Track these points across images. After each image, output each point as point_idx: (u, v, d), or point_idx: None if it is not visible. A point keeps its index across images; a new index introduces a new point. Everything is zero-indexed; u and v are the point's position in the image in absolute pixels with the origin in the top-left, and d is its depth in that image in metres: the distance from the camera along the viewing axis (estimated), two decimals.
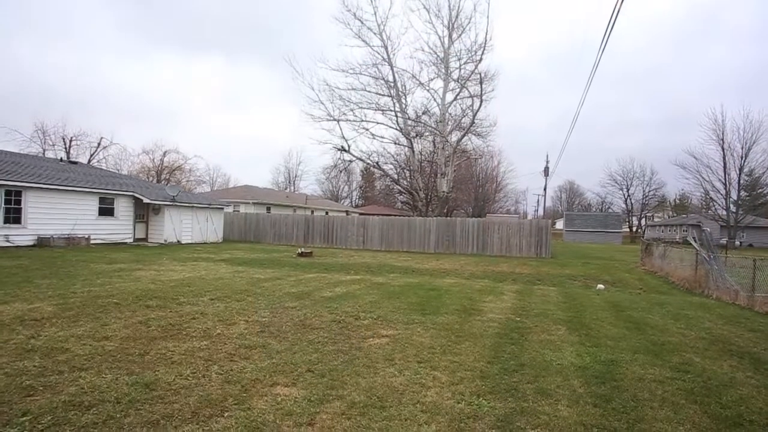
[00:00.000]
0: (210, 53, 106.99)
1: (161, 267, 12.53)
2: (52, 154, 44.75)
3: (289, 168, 78.06)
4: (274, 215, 29.47)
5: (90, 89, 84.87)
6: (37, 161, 23.79)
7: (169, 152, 55.56)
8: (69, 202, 19.32)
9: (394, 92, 32.45)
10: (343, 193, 79.58)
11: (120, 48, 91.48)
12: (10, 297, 7.48)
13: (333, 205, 54.94)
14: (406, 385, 4.11)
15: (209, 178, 70.29)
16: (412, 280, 11.64)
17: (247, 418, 3.33)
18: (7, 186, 17.13)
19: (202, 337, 5.49)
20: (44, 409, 3.37)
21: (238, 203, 36.68)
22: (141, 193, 22.27)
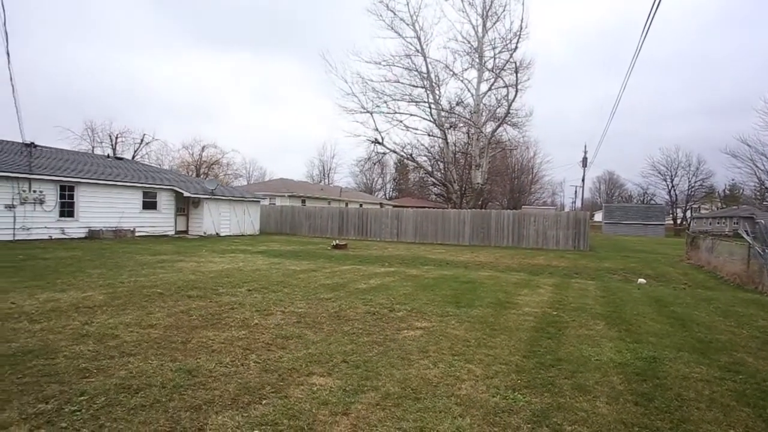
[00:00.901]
0: (246, 49, 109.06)
1: (201, 259, 12.96)
2: (100, 150, 47.00)
3: (324, 161, 78.98)
4: (309, 208, 29.89)
5: (134, 88, 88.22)
6: (87, 158, 25.00)
7: (207, 147, 57.21)
8: (116, 196, 20.23)
9: (427, 83, 32.18)
10: (377, 185, 79.83)
11: (161, 47, 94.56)
12: (67, 286, 7.93)
13: (367, 198, 55.19)
14: (440, 377, 4.11)
15: (246, 171, 71.94)
16: (446, 273, 11.59)
17: (284, 406, 3.41)
18: (62, 182, 18.12)
19: (241, 326, 5.66)
20: (98, 391, 3.57)
21: (274, 196, 37.40)
22: (181, 187, 23.05)
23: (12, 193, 16.59)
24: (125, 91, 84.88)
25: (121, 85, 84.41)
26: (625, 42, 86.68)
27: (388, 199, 67.36)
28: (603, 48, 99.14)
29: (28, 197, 16.98)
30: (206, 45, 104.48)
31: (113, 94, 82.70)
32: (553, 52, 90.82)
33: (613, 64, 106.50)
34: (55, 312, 6.05)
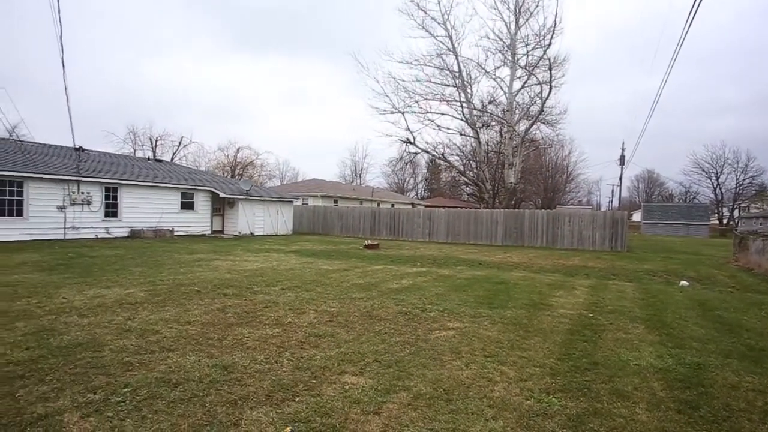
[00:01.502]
0: (280, 53, 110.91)
1: (236, 258, 13.28)
2: (141, 153, 48.91)
3: (356, 161, 79.56)
4: (341, 208, 30.15)
5: (173, 92, 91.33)
6: (130, 160, 26.08)
7: (241, 149, 58.53)
8: (156, 197, 20.99)
9: (459, 82, 31.92)
10: (409, 185, 79.75)
11: (198, 53, 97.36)
12: (111, 283, 8.30)
13: (399, 198, 55.21)
14: (472, 378, 4.08)
15: (279, 172, 73.23)
16: (478, 273, 11.47)
17: (317, 404, 3.46)
18: (107, 184, 18.97)
19: (275, 324, 5.77)
20: (141, 383, 3.73)
21: (306, 196, 37.92)
22: (217, 188, 23.69)
23: (63, 195, 17.49)
24: (165, 96, 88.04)
25: (161, 90, 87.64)
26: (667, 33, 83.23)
27: (419, 199, 67.18)
28: (642, 40, 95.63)
29: (77, 198, 17.85)
30: (241, 50, 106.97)
31: (154, 99, 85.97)
32: (589, 47, 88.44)
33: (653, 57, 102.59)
34: (101, 307, 6.34)
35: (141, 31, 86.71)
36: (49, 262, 10.80)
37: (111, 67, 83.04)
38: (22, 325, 5.37)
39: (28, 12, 69.39)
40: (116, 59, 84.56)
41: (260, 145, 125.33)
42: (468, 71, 32.03)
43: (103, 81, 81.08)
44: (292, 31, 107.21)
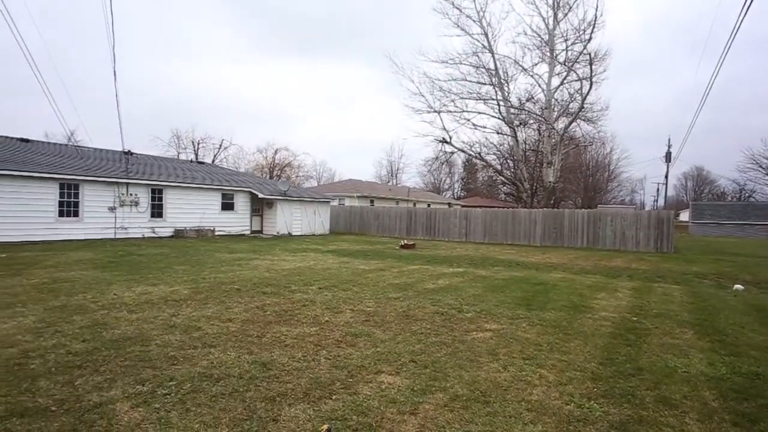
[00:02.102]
0: (318, 55, 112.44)
1: (275, 257, 13.57)
2: (184, 155, 50.83)
3: (391, 161, 79.84)
4: (378, 208, 30.28)
5: (214, 96, 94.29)
6: (174, 163, 27.15)
7: (279, 150, 59.85)
8: (198, 198, 21.74)
9: (495, 80, 31.45)
10: (445, 185, 79.22)
11: (236, 57, 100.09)
12: (157, 280, 8.67)
13: (435, 198, 54.92)
14: (510, 381, 4.01)
15: (316, 173, 74.30)
16: (516, 274, 11.26)
17: (354, 403, 3.49)
18: (153, 185, 19.81)
19: (312, 323, 5.86)
20: (185, 377, 3.88)
21: (343, 196, 38.29)
22: (256, 188, 24.28)
23: (113, 197, 18.39)
24: (207, 100, 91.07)
25: (203, 95, 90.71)
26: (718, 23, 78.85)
27: (456, 199, 66.60)
28: (690, 31, 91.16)
29: (125, 200, 18.73)
30: (281, 54, 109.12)
31: (197, 104, 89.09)
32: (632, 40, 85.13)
33: (702, 49, 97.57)
34: (148, 304, 6.63)
35: (186, 39, 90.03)
36: (102, 260, 11.38)
37: (158, 74, 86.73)
38: (78, 318, 5.70)
39: (85, 25, 73.43)
40: (163, 67, 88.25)
41: (298, 146, 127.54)
42: (504, 69, 31.54)
43: (151, 88, 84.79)
44: (331, 35, 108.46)
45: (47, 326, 5.32)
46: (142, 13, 72.69)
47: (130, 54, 76.66)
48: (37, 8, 40.16)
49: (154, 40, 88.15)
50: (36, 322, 5.48)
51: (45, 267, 9.99)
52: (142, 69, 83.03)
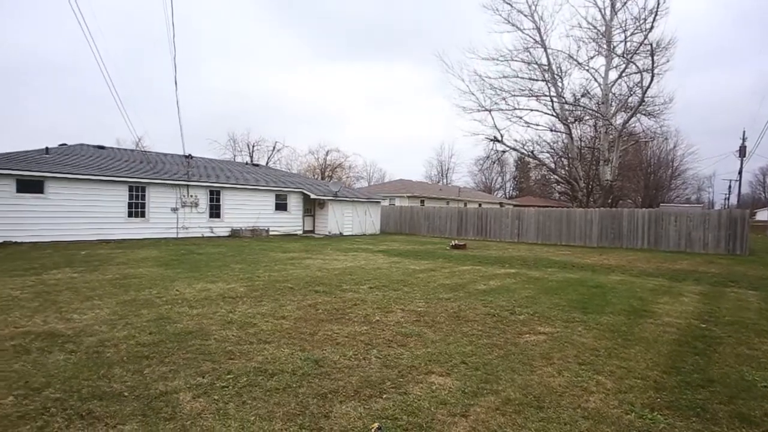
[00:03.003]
0: (369, 57, 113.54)
1: (326, 257, 13.84)
2: (240, 158, 52.88)
3: (442, 161, 79.21)
4: (428, 208, 30.15)
5: (268, 100, 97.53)
6: (230, 165, 28.32)
7: (330, 151, 60.85)
8: (253, 199, 22.56)
9: (548, 76, 30.45)
10: (497, 184, 77.75)
11: (290, 61, 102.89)
12: (215, 278, 9.08)
13: (486, 197, 54.00)
14: (565, 386, 3.88)
15: (366, 173, 75.01)
16: (571, 276, 10.86)
17: (404, 402, 3.51)
18: (211, 187, 20.78)
19: (363, 322, 5.93)
20: (241, 372, 4.04)
21: (393, 197, 38.43)
22: (308, 189, 24.86)
23: (176, 198, 19.45)
24: (262, 104, 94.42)
25: (258, 99, 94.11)
26: None
27: (508, 199, 65.15)
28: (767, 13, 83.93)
29: (186, 201, 19.76)
30: (331, 56, 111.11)
31: (251, 107, 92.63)
32: (701, 25, 79.67)
33: None
34: (207, 300, 6.96)
35: (242, 46, 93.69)
36: (165, 258, 12.06)
37: (216, 80, 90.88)
38: (146, 312, 6.08)
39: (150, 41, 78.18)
40: (221, 73, 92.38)
41: (348, 147, 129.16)
42: (558, 64, 30.44)
43: (209, 93, 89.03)
44: (381, 37, 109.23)
45: (119, 318, 5.72)
46: (200, 24, 76.43)
47: (189, 62, 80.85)
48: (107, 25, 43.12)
49: (212, 47, 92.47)
50: (110, 315, 5.90)
51: (117, 264, 10.73)
52: (201, 76, 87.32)
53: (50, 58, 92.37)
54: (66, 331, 5.13)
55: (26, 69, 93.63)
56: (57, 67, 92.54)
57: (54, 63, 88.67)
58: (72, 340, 4.84)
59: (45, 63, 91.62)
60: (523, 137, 77.49)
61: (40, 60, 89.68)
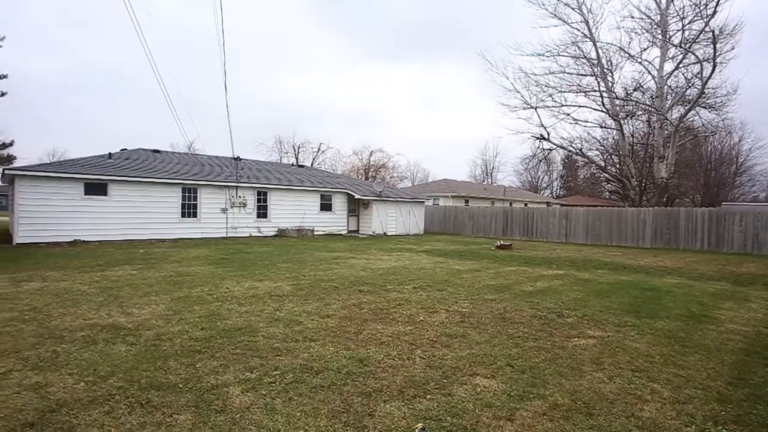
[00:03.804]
0: (411, 58, 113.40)
1: (370, 256, 13.94)
2: (286, 159, 54.24)
3: (486, 160, 78.01)
4: (472, 208, 29.78)
5: (313, 103, 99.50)
6: (276, 167, 29.08)
7: (374, 152, 61.28)
8: (299, 200, 23.06)
9: (597, 70, 29.31)
10: (543, 183, 75.62)
11: (334, 63, 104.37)
12: (263, 276, 9.35)
13: (532, 197, 52.68)
14: (617, 393, 3.73)
15: (410, 173, 74.98)
16: (623, 278, 10.41)
17: (448, 404, 3.48)
18: (259, 188, 21.43)
19: (407, 322, 5.94)
20: (288, 368, 4.14)
21: (437, 196, 38.22)
22: (352, 190, 25.13)
23: (225, 199, 20.19)
24: (306, 106, 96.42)
25: (303, 101, 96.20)
26: None
27: (555, 198, 63.25)
28: None
29: (235, 202, 20.46)
30: (374, 57, 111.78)
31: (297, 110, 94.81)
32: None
33: None
34: (254, 298, 7.18)
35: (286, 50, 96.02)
36: (215, 257, 12.54)
37: (262, 83, 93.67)
38: (198, 308, 6.35)
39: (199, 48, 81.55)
40: (267, 76, 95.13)
41: (392, 147, 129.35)
42: (608, 57, 29.24)
43: (256, 97, 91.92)
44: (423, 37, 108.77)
45: (174, 314, 6.01)
46: (247, 28, 78.90)
47: (237, 68, 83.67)
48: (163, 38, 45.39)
49: (258, 52, 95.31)
50: (165, 310, 6.21)
51: (171, 262, 11.26)
52: (248, 80, 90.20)
53: (113, 70, 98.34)
54: (127, 325, 5.45)
55: (91, 79, 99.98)
56: (117, 77, 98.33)
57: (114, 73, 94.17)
58: (132, 333, 5.13)
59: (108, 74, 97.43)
60: (571, 135, 75.22)
61: (104, 71, 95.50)
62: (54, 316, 5.83)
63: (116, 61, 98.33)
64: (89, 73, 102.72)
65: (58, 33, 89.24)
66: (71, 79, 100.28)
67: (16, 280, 8.37)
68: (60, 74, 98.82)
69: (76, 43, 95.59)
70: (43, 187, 15.59)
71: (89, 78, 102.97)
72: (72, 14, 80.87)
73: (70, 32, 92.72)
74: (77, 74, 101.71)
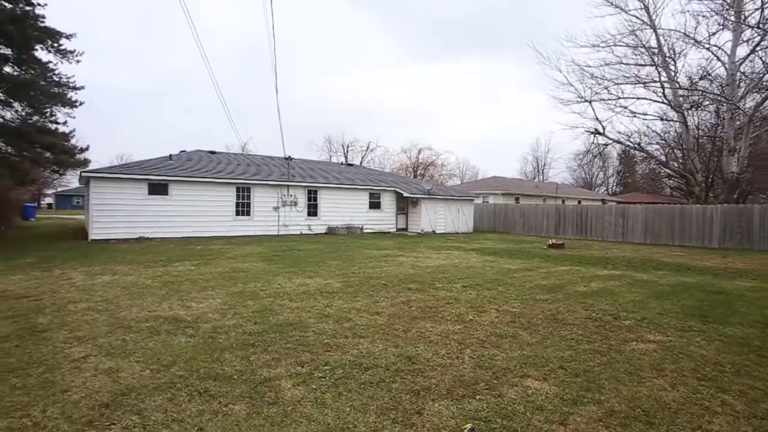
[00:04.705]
0: (457, 54, 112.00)
1: (419, 254, 13.91)
2: (335, 158, 55.11)
3: (537, 156, 75.90)
4: (523, 205, 29.04)
5: (361, 101, 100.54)
6: (326, 166, 29.64)
7: (423, 150, 61.10)
8: (348, 198, 23.38)
9: (658, 59, 27.64)
10: (598, 180, 72.56)
11: (382, 62, 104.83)
12: (313, 273, 9.56)
13: (586, 194, 50.70)
14: (681, 403, 3.52)
15: (459, 171, 74.18)
16: (687, 280, 9.80)
17: (498, 405, 3.42)
18: (309, 187, 21.93)
19: (456, 321, 5.88)
20: (337, 364, 4.22)
21: (486, 194, 37.61)
22: (401, 188, 25.18)
23: (277, 198, 20.81)
24: (356, 106, 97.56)
25: (351, 100, 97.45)
26: None
27: (610, 195, 60.51)
28: None
29: (287, 200, 21.05)
30: (422, 55, 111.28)
31: (345, 108, 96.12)
32: None
33: None
34: (305, 294, 7.35)
35: (335, 50, 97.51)
36: (268, 254, 12.95)
37: (313, 84, 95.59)
38: (251, 303, 6.59)
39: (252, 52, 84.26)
40: (317, 77, 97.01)
41: (441, 145, 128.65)
42: (670, 45, 27.47)
43: (307, 97, 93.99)
44: (472, 33, 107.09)
45: (229, 308, 6.26)
46: (295, 32, 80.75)
47: (287, 69, 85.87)
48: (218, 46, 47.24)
49: (308, 52, 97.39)
50: (221, 304, 6.49)
51: (226, 258, 11.74)
52: (299, 80, 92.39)
53: (172, 77, 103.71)
54: (186, 317, 5.74)
55: (153, 86, 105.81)
56: (175, 83, 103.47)
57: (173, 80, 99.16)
58: (191, 325, 5.40)
59: (168, 81, 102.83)
60: (628, 128, 71.42)
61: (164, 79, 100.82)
62: (123, 307, 6.25)
63: (175, 69, 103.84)
64: (151, 80, 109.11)
65: (123, 44, 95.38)
66: (134, 87, 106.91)
67: (91, 273, 9.03)
68: (125, 82, 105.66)
69: (139, 53, 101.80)
70: (113, 187, 16.72)
71: (151, 85, 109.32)
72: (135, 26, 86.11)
73: (134, 44, 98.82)
74: (140, 82, 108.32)
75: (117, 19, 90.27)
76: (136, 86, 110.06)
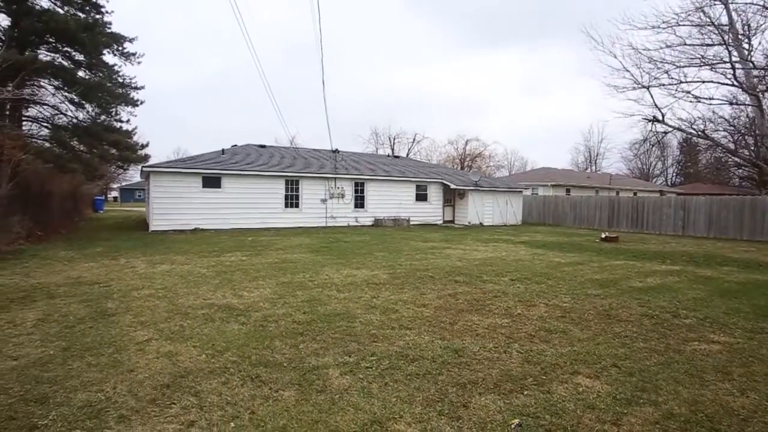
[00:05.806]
0: (506, 43, 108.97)
1: (466, 247, 13.75)
2: (381, 150, 55.30)
3: (590, 146, 72.67)
4: (574, 197, 28.00)
5: (407, 92, 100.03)
6: (373, 158, 29.79)
7: (470, 141, 60.02)
8: (395, 190, 23.41)
9: (729, 38, 25.59)
10: (656, 170, 68.70)
11: (429, 53, 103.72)
12: (360, 264, 9.68)
13: (642, 185, 48.17)
14: (751, 410, 3.29)
15: (507, 162, 72.39)
16: (757, 277, 9.13)
17: (547, 401, 3.34)
18: (356, 179, 22.15)
19: (504, 315, 5.78)
20: (384, 354, 4.26)
21: (536, 186, 36.56)
22: (448, 180, 24.91)
23: (325, 190, 21.16)
24: (402, 97, 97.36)
25: (398, 92, 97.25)
26: None
27: (670, 186, 57.18)
28: None
29: (334, 193, 21.36)
30: (469, 45, 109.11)
31: (393, 101, 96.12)
32: None
33: None
34: (352, 285, 7.45)
35: (382, 41, 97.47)
36: (316, 245, 13.22)
37: (359, 76, 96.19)
38: (300, 293, 6.76)
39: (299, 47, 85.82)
40: (363, 69, 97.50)
41: (488, 136, 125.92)
42: (745, 20, 25.19)
43: (353, 90, 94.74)
44: (521, 21, 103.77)
45: (279, 298, 6.46)
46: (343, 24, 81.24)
47: (334, 62, 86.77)
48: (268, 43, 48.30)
49: (354, 44, 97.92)
50: (271, 294, 6.70)
51: (276, 249, 12.10)
52: (345, 73, 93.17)
53: (223, 74, 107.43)
54: (239, 306, 5.98)
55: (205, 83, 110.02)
56: (226, 80, 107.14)
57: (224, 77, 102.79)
58: (243, 313, 5.62)
59: (219, 78, 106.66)
60: (691, 115, 67.00)
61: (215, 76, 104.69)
62: (180, 294, 6.59)
63: (226, 66, 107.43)
64: (203, 78, 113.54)
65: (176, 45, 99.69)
66: (188, 84, 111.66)
67: (152, 262, 9.57)
68: (180, 80, 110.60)
69: (191, 52, 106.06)
70: (170, 181, 17.57)
71: (204, 82, 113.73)
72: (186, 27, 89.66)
73: (186, 44, 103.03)
74: (193, 80, 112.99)
75: (172, 21, 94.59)
76: (190, 84, 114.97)
